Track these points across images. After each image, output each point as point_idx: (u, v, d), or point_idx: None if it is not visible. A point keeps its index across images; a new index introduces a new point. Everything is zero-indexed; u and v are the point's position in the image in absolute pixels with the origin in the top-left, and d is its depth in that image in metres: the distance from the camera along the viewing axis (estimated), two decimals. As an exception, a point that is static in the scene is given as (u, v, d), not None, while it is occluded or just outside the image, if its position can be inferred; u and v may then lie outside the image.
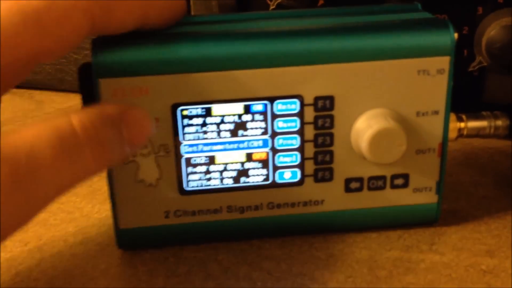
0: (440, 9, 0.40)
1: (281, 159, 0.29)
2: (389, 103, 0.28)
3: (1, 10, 0.21)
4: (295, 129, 0.28)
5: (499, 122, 0.33)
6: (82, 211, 0.34)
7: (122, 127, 0.23)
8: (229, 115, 0.28)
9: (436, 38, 0.28)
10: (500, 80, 0.41)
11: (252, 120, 0.28)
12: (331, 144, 0.29)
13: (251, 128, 0.28)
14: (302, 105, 0.28)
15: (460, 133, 0.33)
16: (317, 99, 0.28)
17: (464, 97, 0.41)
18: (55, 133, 0.20)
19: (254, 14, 0.32)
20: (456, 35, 0.28)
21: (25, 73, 0.22)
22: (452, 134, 0.32)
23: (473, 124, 0.33)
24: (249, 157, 0.29)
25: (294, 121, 0.28)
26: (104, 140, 0.22)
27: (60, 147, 0.20)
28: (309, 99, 0.28)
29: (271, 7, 0.41)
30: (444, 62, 0.28)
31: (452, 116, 0.32)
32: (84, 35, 0.24)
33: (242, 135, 0.28)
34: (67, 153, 0.20)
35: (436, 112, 0.29)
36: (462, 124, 0.32)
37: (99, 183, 0.35)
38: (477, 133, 0.33)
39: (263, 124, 0.28)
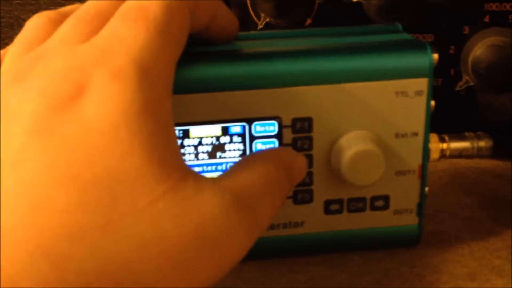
0: (426, 29, 0.40)
1: (260, 181, 0.29)
2: (368, 125, 0.28)
3: (146, 32, 0.21)
4: (274, 151, 0.28)
5: (482, 143, 0.32)
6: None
7: (291, 172, 0.25)
8: (207, 137, 0.28)
9: (414, 59, 0.28)
10: (487, 100, 0.41)
11: (230, 142, 0.28)
12: (310, 165, 0.28)
13: (229, 150, 0.28)
14: (281, 126, 0.28)
15: (443, 154, 0.32)
16: (295, 120, 0.28)
17: (451, 117, 0.41)
18: (266, 182, 0.24)
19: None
20: (436, 56, 0.28)
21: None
22: (435, 155, 0.32)
23: (456, 145, 0.32)
24: (227, 179, 0.28)
25: (273, 142, 0.28)
26: (285, 185, 0.25)
27: (268, 193, 0.24)
28: (287, 121, 0.28)
29: (259, 26, 0.41)
30: (422, 83, 0.28)
31: (435, 137, 0.32)
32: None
33: (220, 157, 0.28)
34: (272, 196, 0.24)
35: (415, 134, 0.28)
36: (445, 145, 0.32)
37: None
38: (460, 154, 0.33)
39: (241, 146, 0.28)
